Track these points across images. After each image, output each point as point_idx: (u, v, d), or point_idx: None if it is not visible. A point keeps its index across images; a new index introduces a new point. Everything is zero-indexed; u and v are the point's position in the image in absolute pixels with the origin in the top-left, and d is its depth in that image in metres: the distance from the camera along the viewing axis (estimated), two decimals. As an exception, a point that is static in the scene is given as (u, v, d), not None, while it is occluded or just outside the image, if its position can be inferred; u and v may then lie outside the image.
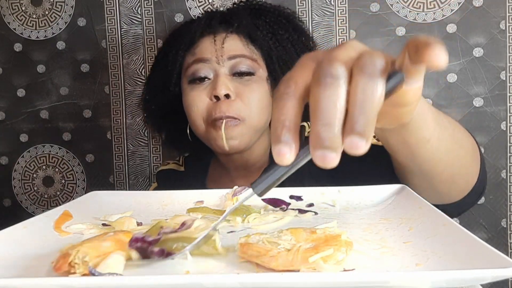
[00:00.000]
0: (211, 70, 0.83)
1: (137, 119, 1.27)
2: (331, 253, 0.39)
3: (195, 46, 0.85)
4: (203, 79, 0.84)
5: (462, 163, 0.63)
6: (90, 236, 0.48)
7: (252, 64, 0.84)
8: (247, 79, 0.83)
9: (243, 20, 0.85)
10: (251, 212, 0.57)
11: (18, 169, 1.32)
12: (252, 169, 0.91)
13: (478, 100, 1.18)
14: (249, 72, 0.83)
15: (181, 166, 1.00)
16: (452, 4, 1.17)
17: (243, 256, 0.42)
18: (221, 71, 0.82)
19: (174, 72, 0.87)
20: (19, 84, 1.30)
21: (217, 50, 0.83)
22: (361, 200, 0.63)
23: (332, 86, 0.32)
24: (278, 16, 0.89)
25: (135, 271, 0.42)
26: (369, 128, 0.31)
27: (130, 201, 0.67)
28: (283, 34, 0.87)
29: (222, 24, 0.86)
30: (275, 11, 0.90)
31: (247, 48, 0.84)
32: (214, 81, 0.82)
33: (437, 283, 0.35)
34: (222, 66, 0.83)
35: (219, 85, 0.80)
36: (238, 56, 0.83)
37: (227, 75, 0.83)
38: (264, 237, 0.43)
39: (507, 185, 1.19)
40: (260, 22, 0.87)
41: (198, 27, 0.86)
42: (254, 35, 0.85)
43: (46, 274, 0.42)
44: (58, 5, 1.27)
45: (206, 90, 0.83)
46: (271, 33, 0.86)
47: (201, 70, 0.83)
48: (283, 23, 0.89)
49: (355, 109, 0.32)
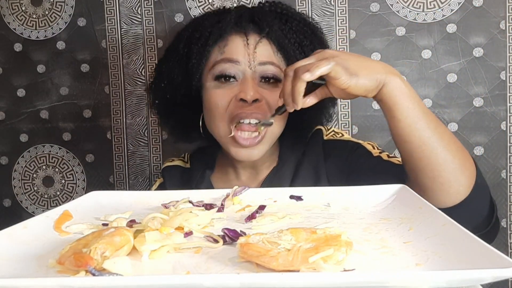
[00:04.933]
0: (240, 72, 0.83)
1: (137, 119, 1.27)
2: (331, 253, 0.39)
3: (224, 44, 0.85)
4: (229, 77, 0.84)
5: (445, 164, 0.69)
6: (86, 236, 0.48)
7: (278, 71, 0.85)
8: (273, 84, 0.84)
9: (274, 25, 0.86)
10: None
11: (18, 169, 1.32)
12: (260, 168, 0.91)
13: (478, 100, 1.18)
14: (275, 78, 0.85)
15: (186, 163, 1.00)
16: (452, 4, 1.17)
17: (243, 256, 0.42)
18: (250, 75, 0.83)
19: (200, 67, 0.86)
20: (19, 84, 1.30)
21: (250, 54, 0.83)
22: (361, 200, 0.63)
23: (285, 79, 0.71)
24: (304, 26, 0.90)
25: (135, 271, 0.42)
26: (297, 99, 0.69)
27: (130, 201, 0.67)
28: (309, 45, 0.88)
29: (250, 24, 0.86)
30: (301, 19, 0.90)
31: (276, 56, 0.85)
32: (242, 84, 0.83)
33: (437, 283, 0.35)
34: (253, 70, 0.83)
35: (249, 89, 0.81)
36: (268, 63, 0.84)
37: (256, 79, 0.84)
38: (264, 237, 0.43)
39: (507, 185, 1.19)
40: (288, 30, 0.87)
41: (228, 23, 0.85)
42: (282, 43, 0.86)
43: (46, 274, 0.42)
44: (58, 5, 1.27)
45: (232, 90, 0.83)
46: (297, 43, 0.87)
47: (230, 70, 0.83)
48: (308, 33, 0.89)
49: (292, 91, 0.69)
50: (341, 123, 1.22)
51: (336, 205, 0.63)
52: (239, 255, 0.43)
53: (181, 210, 0.56)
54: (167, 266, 0.43)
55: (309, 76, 0.65)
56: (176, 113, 0.94)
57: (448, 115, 1.19)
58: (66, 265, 0.41)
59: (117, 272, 0.39)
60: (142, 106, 1.27)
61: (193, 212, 0.55)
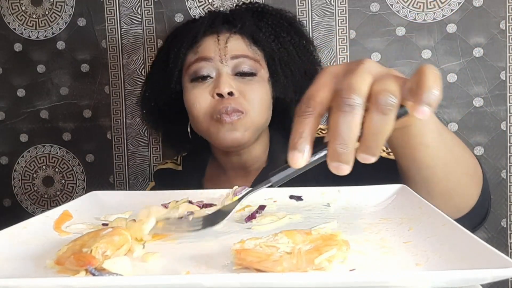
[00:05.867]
0: (213, 69, 0.84)
1: (137, 119, 1.27)
2: (334, 253, 0.39)
3: (198, 45, 0.86)
4: (205, 77, 0.84)
5: (460, 179, 0.65)
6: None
7: (254, 64, 0.84)
8: (249, 79, 0.84)
9: (246, 21, 0.86)
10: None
11: (18, 169, 1.32)
12: (250, 170, 0.91)
13: (478, 100, 1.18)
14: (251, 73, 0.84)
15: (178, 166, 1.00)
16: (452, 4, 1.17)
17: (240, 263, 0.40)
18: (224, 70, 0.83)
19: (175, 70, 0.87)
20: (19, 84, 1.30)
21: (221, 49, 0.83)
22: (361, 200, 0.63)
23: (349, 114, 0.40)
24: (280, 19, 0.90)
25: (135, 271, 0.42)
26: (378, 150, 0.41)
27: (130, 201, 0.67)
28: (285, 36, 0.88)
29: (225, 25, 0.87)
30: (277, 14, 0.91)
31: (250, 49, 0.85)
32: (216, 80, 0.83)
33: (437, 283, 0.35)
34: (225, 65, 0.83)
35: (222, 83, 0.81)
36: (240, 56, 0.84)
37: (230, 74, 0.83)
38: (261, 241, 0.41)
39: (507, 185, 1.19)
40: (263, 24, 0.88)
41: (201, 26, 0.87)
42: (257, 36, 0.86)
43: (46, 274, 0.42)
44: (58, 5, 1.27)
45: (208, 88, 0.83)
46: (273, 35, 0.87)
47: (203, 69, 0.84)
48: (285, 26, 0.90)
49: (369, 136, 0.40)
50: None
51: (336, 205, 0.63)
52: (235, 262, 0.40)
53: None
54: (167, 266, 0.43)
55: (426, 111, 0.39)
56: (164, 121, 0.96)
57: (448, 115, 1.19)
58: (66, 265, 0.41)
59: (117, 272, 0.39)
60: (142, 106, 1.27)
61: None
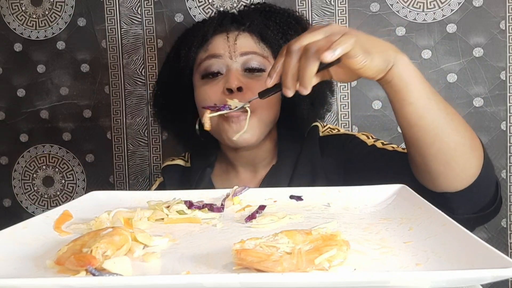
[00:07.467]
0: (223, 66, 0.86)
1: (137, 119, 1.27)
2: (335, 253, 0.39)
3: (208, 43, 0.88)
4: (216, 74, 0.86)
5: (456, 148, 0.66)
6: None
7: (263, 61, 0.87)
8: (258, 75, 0.86)
9: (255, 19, 0.89)
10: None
11: (18, 169, 1.32)
12: (259, 166, 0.92)
13: (478, 100, 1.18)
14: (260, 69, 0.86)
15: (187, 162, 1.01)
16: (452, 4, 1.17)
17: (240, 263, 0.40)
18: (233, 66, 0.85)
19: (186, 68, 0.90)
20: (19, 84, 1.30)
21: (230, 46, 0.86)
22: (361, 200, 0.63)
23: (288, 56, 0.60)
24: (288, 18, 0.93)
25: (135, 271, 0.42)
26: (307, 83, 0.59)
27: (130, 201, 0.67)
28: (293, 34, 0.90)
29: (233, 23, 0.89)
30: (284, 13, 0.94)
31: (258, 46, 0.88)
32: (226, 76, 0.85)
33: (437, 283, 0.35)
34: (235, 61, 0.86)
35: (232, 78, 0.83)
36: (249, 53, 0.86)
37: (239, 70, 0.86)
38: (261, 241, 0.42)
39: (507, 185, 1.19)
40: (271, 23, 0.90)
41: (211, 25, 0.89)
42: (265, 34, 0.88)
43: (46, 274, 0.42)
44: (58, 5, 1.27)
45: (218, 84, 0.85)
46: (281, 33, 0.90)
47: (214, 65, 0.86)
48: (292, 24, 0.92)
49: (300, 72, 0.59)
50: (341, 123, 1.22)
51: (336, 205, 0.63)
52: (235, 262, 0.41)
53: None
54: (167, 266, 0.43)
55: (331, 55, 0.55)
56: (175, 118, 0.97)
57: (448, 115, 1.19)
58: (66, 265, 0.41)
59: (117, 272, 0.39)
60: (142, 106, 1.27)
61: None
